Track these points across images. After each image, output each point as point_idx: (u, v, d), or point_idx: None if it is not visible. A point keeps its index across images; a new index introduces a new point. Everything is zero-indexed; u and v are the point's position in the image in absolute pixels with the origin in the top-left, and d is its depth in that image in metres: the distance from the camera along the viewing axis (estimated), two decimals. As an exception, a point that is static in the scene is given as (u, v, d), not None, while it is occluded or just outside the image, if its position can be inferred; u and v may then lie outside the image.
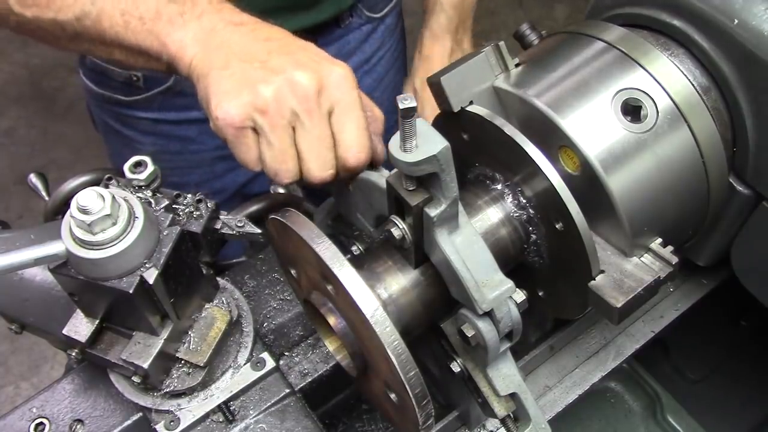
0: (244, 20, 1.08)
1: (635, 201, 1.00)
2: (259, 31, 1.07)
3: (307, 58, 1.03)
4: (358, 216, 1.13)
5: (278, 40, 1.06)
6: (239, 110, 0.99)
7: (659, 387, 1.51)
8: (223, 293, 1.17)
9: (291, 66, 1.00)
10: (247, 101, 0.99)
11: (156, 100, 1.68)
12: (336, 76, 1.01)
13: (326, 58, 1.04)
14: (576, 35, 1.10)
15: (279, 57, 1.02)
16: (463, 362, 1.02)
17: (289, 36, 1.08)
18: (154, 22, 1.07)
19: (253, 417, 1.14)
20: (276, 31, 1.08)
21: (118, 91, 1.70)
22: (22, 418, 1.15)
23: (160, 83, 1.66)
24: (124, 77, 1.67)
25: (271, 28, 1.09)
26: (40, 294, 1.16)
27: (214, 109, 1.00)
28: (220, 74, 1.02)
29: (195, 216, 1.08)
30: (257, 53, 1.03)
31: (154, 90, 1.67)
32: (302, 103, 0.99)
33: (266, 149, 1.02)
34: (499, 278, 0.91)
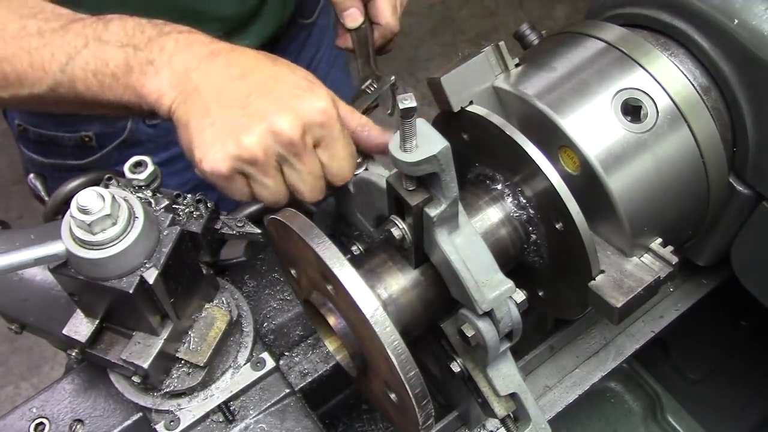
0: (215, 50, 1.06)
1: (635, 201, 1.00)
2: (233, 65, 1.05)
3: (287, 95, 1.02)
4: (358, 216, 1.13)
5: (254, 75, 1.05)
6: (226, 163, 1.00)
7: (659, 387, 1.51)
8: (223, 293, 1.16)
9: (272, 110, 1.00)
10: (233, 153, 0.99)
11: (112, 156, 1.66)
12: (317, 113, 1.01)
13: (305, 88, 1.04)
14: (576, 35, 1.10)
15: (259, 100, 1.01)
16: (463, 362, 1.02)
17: (262, 65, 1.06)
18: (126, 76, 1.06)
19: (253, 417, 1.14)
20: (250, 61, 1.07)
21: (69, 156, 1.67)
22: (22, 418, 1.15)
23: (113, 138, 1.65)
24: (74, 141, 1.64)
25: (243, 56, 1.07)
26: (40, 294, 1.16)
27: (199, 162, 1.01)
28: (201, 123, 1.01)
29: (195, 216, 1.08)
30: (236, 97, 1.02)
31: (109, 147, 1.65)
32: (288, 148, 1.00)
33: (260, 189, 1.04)
34: (499, 278, 0.91)
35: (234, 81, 1.03)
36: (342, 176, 1.07)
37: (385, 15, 1.33)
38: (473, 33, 4.22)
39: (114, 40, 1.07)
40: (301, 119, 1.00)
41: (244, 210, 1.44)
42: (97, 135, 1.65)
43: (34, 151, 1.72)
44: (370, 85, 1.25)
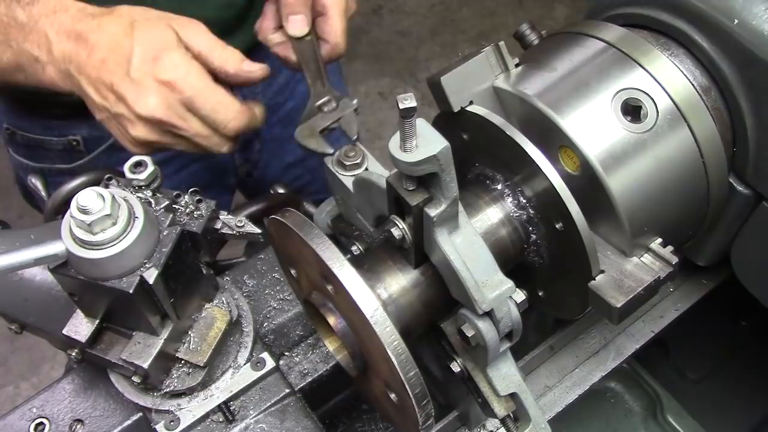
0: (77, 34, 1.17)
1: (635, 201, 1.00)
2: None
3: (128, 94, 1.14)
4: (358, 216, 1.13)
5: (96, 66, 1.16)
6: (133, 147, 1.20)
7: (659, 387, 1.51)
8: (223, 293, 1.17)
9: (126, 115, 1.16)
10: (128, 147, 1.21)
11: (101, 160, 1.66)
12: (156, 110, 1.14)
13: (138, 82, 1.13)
14: (576, 35, 1.10)
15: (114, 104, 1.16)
16: (463, 362, 1.02)
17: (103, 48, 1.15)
18: (20, 72, 1.22)
19: (253, 417, 1.14)
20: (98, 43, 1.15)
21: (57, 160, 1.68)
22: (22, 418, 1.15)
23: (101, 142, 1.65)
24: (62, 145, 1.65)
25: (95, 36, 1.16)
26: (40, 294, 1.16)
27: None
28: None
29: (195, 216, 1.08)
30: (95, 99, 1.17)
31: (97, 150, 1.65)
32: (163, 129, 1.16)
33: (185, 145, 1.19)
34: (499, 278, 0.91)
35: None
36: (227, 121, 1.15)
37: (336, 33, 1.25)
38: (473, 33, 4.22)
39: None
40: (148, 117, 1.14)
41: (244, 210, 1.44)
42: (85, 139, 1.65)
43: (22, 155, 1.72)
44: (326, 104, 1.18)
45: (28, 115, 1.65)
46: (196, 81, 1.13)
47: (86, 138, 1.64)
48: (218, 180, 1.89)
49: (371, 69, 4.06)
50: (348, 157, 1.10)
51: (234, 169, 1.91)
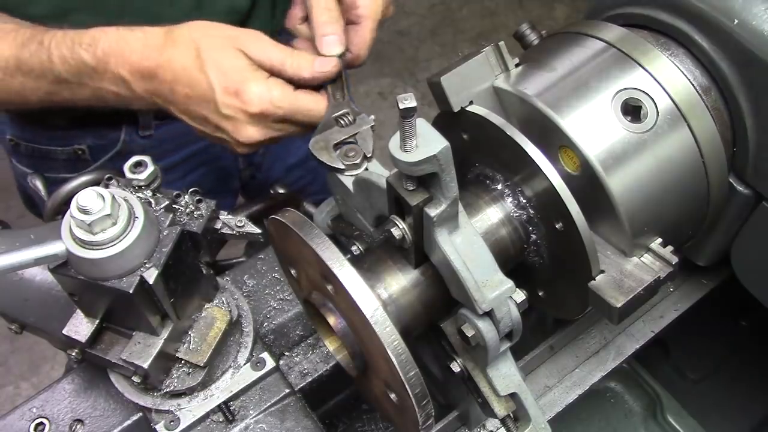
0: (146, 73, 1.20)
1: (635, 201, 1.00)
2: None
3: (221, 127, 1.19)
4: (358, 216, 1.13)
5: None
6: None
7: (659, 387, 1.51)
8: (223, 293, 1.16)
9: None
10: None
11: (106, 169, 1.65)
12: (255, 137, 1.18)
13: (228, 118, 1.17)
14: (576, 35, 1.10)
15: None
16: (463, 362, 1.02)
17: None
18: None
19: (253, 417, 1.14)
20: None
21: (62, 170, 1.67)
22: (22, 418, 1.15)
23: (107, 151, 1.65)
24: (67, 154, 1.65)
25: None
26: (40, 294, 1.16)
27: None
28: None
29: (195, 216, 1.08)
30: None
31: (102, 159, 1.66)
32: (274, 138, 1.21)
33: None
34: (499, 278, 0.91)
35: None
36: (320, 113, 1.16)
37: (362, 46, 1.23)
38: (473, 33, 4.22)
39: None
40: (250, 143, 1.19)
41: (244, 210, 1.44)
42: (90, 148, 1.65)
43: (26, 165, 1.72)
44: (343, 116, 1.15)
45: (32, 126, 1.65)
46: (283, 101, 1.14)
47: (91, 147, 1.65)
48: (222, 184, 1.89)
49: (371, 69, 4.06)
50: (348, 157, 1.10)
51: (238, 173, 1.92)
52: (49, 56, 1.21)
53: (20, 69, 1.24)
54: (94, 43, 1.18)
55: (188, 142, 1.73)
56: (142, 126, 1.64)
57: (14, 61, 1.24)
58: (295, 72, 1.15)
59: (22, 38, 1.23)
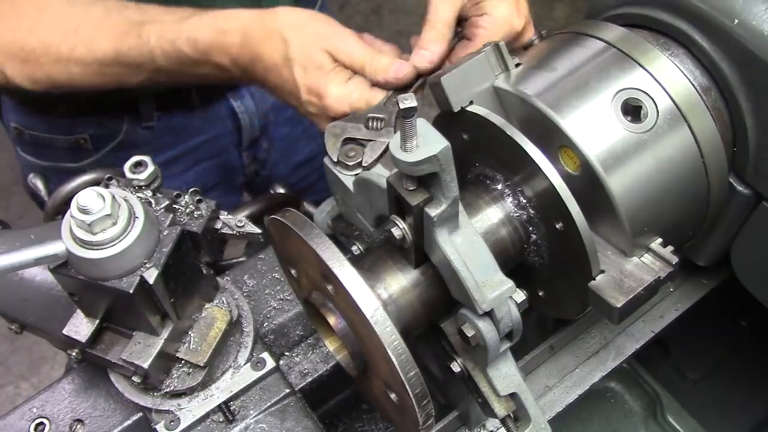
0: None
1: (635, 201, 1.00)
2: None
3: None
4: (358, 216, 1.13)
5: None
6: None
7: (659, 387, 1.51)
8: (223, 293, 1.17)
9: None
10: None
11: (108, 159, 1.68)
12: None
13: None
14: (576, 35, 1.10)
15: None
16: (463, 362, 1.02)
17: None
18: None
19: (253, 417, 1.14)
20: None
21: (64, 159, 1.69)
22: (22, 418, 1.15)
23: (109, 141, 1.66)
24: (69, 143, 1.66)
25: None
26: (40, 294, 1.16)
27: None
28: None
29: (195, 216, 1.08)
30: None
31: (104, 149, 1.67)
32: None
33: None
34: (499, 278, 0.91)
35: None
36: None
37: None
38: (473, 33, 4.21)
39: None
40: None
41: (244, 210, 1.44)
42: (93, 137, 1.65)
43: (30, 153, 1.73)
44: (375, 120, 1.14)
45: (35, 114, 1.65)
46: (359, 103, 1.16)
47: (93, 136, 1.65)
48: (227, 179, 1.89)
49: (371, 69, 4.05)
50: (348, 157, 1.10)
51: (242, 169, 1.92)
52: (150, 50, 1.24)
53: (119, 61, 1.27)
54: (194, 38, 1.21)
55: (190, 135, 1.73)
56: (144, 117, 1.64)
57: (113, 54, 1.26)
58: (372, 75, 1.17)
59: (120, 29, 1.26)
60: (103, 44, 1.27)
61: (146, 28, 1.24)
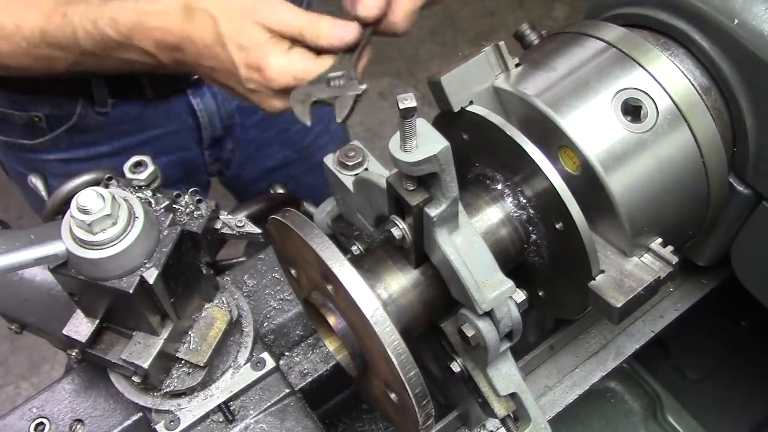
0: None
1: (635, 201, 1.00)
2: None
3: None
4: (358, 216, 1.13)
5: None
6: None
7: (659, 387, 1.51)
8: (223, 293, 1.16)
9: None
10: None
11: (62, 139, 1.66)
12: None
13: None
14: (576, 35, 1.10)
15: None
16: (463, 362, 1.02)
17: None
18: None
19: (253, 417, 1.14)
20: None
21: (20, 135, 1.68)
22: (22, 418, 1.15)
23: (62, 122, 1.64)
24: (24, 120, 1.64)
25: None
26: (40, 294, 1.16)
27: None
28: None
29: (195, 216, 1.08)
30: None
31: (58, 130, 1.65)
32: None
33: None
34: (499, 278, 0.91)
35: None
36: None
37: (402, 15, 1.21)
38: (473, 33, 4.21)
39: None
40: (280, 109, 1.18)
41: (244, 210, 1.44)
42: (47, 117, 1.64)
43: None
44: (336, 78, 1.13)
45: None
46: (305, 73, 1.14)
47: (48, 116, 1.64)
48: (189, 175, 1.87)
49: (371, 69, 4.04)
50: (348, 157, 1.10)
51: (205, 166, 1.90)
52: (73, 30, 1.22)
53: (45, 41, 1.25)
54: (115, 19, 1.19)
55: (147, 126, 1.71)
56: (97, 102, 1.63)
57: (39, 32, 1.24)
58: (312, 41, 1.14)
59: (47, 8, 1.24)
60: (30, 22, 1.24)
61: (71, 8, 1.22)
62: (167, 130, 1.74)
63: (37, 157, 1.70)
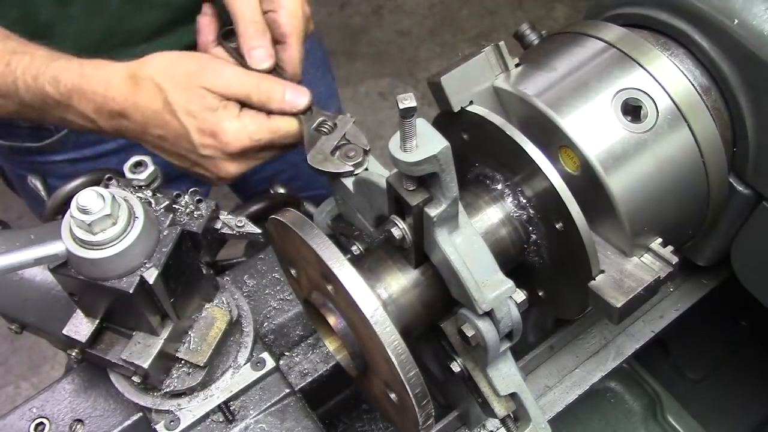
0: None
1: (635, 201, 1.00)
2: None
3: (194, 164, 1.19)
4: (358, 216, 1.13)
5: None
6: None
7: (659, 387, 1.51)
8: (223, 293, 1.17)
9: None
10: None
11: (69, 139, 1.65)
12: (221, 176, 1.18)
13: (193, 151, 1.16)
14: (576, 35, 1.10)
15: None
16: (463, 362, 1.02)
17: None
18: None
19: (253, 417, 1.14)
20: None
21: (26, 138, 1.66)
22: (22, 418, 1.15)
23: None
24: (30, 122, 1.63)
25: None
26: (40, 294, 1.16)
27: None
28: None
29: (195, 216, 1.08)
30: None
31: (65, 130, 1.63)
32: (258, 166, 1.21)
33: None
34: (499, 278, 0.91)
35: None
36: (288, 138, 1.16)
37: (294, 63, 1.22)
38: (473, 33, 4.21)
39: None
40: (233, 176, 1.19)
41: (244, 210, 1.44)
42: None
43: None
44: (323, 124, 1.14)
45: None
46: (260, 134, 1.14)
47: None
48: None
49: (371, 69, 4.05)
50: (348, 158, 1.10)
51: None
52: (14, 80, 1.20)
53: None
54: (57, 78, 1.17)
55: None
56: None
57: None
58: (262, 105, 1.15)
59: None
60: None
61: (16, 58, 1.20)
62: None
63: (44, 159, 1.69)
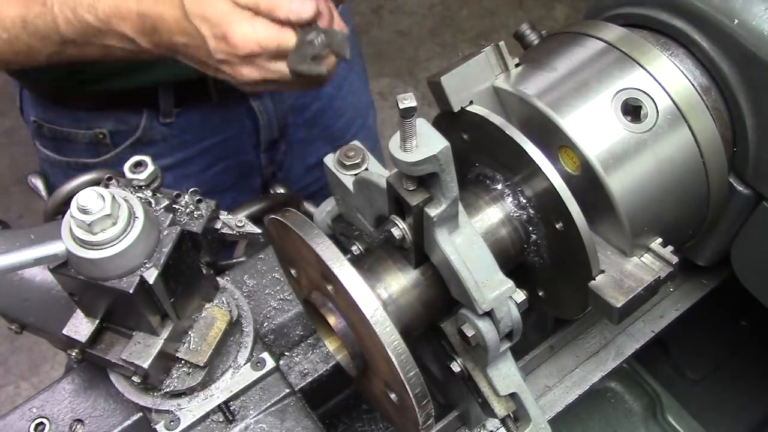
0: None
1: (635, 201, 1.00)
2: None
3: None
4: (358, 216, 1.13)
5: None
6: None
7: (659, 387, 1.51)
8: (223, 293, 1.16)
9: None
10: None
11: (126, 155, 1.62)
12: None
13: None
14: (576, 35, 1.10)
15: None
16: (463, 362, 1.02)
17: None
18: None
19: (253, 417, 1.14)
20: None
21: (83, 154, 1.68)
22: (22, 418, 1.15)
23: (127, 137, 1.65)
24: (89, 138, 1.65)
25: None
26: (40, 294, 1.16)
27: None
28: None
29: (195, 216, 1.08)
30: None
31: (122, 145, 1.66)
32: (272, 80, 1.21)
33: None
34: (499, 278, 0.91)
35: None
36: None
37: None
38: (473, 33, 4.22)
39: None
40: (249, 81, 1.21)
41: (244, 210, 1.44)
42: (111, 132, 1.65)
43: (49, 148, 1.72)
44: (315, 38, 1.15)
45: (55, 108, 1.65)
46: (268, 40, 1.16)
47: (112, 132, 1.65)
48: (244, 180, 1.87)
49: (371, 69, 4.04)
50: (348, 157, 1.10)
51: (260, 170, 1.90)
52: (53, 18, 1.23)
53: (26, 30, 1.26)
54: (93, 6, 1.21)
55: (209, 133, 1.72)
56: (162, 112, 1.64)
57: (20, 22, 1.25)
58: (268, 12, 1.16)
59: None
60: (10, 12, 1.25)
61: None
62: (226, 135, 1.75)
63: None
